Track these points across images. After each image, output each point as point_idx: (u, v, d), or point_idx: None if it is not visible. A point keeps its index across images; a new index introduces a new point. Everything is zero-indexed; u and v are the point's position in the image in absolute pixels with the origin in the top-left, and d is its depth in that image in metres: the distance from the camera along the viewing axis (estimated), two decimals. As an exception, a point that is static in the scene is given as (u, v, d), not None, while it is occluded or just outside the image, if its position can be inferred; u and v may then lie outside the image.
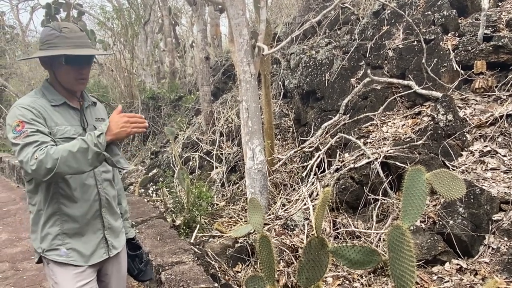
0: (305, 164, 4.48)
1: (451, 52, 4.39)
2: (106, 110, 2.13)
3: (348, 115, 4.64)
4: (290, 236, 3.57)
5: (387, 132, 4.13)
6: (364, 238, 3.30)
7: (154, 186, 5.87)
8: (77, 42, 1.77)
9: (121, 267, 2.08)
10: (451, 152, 3.58)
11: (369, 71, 4.69)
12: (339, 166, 3.96)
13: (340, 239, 3.40)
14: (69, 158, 1.58)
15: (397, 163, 3.52)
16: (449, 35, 4.64)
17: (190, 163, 6.11)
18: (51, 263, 1.82)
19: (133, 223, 3.96)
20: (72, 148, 1.59)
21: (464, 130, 3.74)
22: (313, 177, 4.15)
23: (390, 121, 4.28)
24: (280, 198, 4.23)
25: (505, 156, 3.46)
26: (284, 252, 3.29)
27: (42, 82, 1.89)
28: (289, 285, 2.99)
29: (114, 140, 1.65)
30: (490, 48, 4.16)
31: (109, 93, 10.84)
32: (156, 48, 11.81)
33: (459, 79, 4.27)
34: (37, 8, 16.35)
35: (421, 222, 3.14)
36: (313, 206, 3.76)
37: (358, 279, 2.96)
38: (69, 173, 1.64)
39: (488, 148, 3.58)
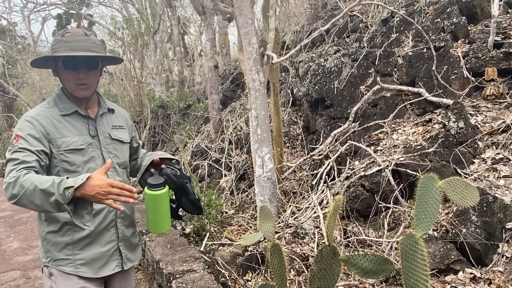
0: (315, 172, 4.46)
1: (461, 59, 4.37)
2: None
3: (357, 123, 4.62)
4: (301, 244, 3.55)
5: (397, 139, 4.10)
6: (376, 247, 3.26)
7: (163, 194, 5.87)
8: (74, 45, 1.71)
9: (129, 283, 2.00)
10: (463, 160, 3.55)
11: (378, 79, 4.68)
12: (349, 174, 3.94)
13: (351, 247, 3.37)
14: (33, 194, 1.50)
15: (408, 171, 3.50)
16: (459, 42, 4.62)
17: (199, 171, 6.12)
18: (55, 274, 1.75)
19: (143, 231, 3.97)
20: (41, 185, 1.50)
21: (476, 137, 3.70)
22: (323, 185, 4.13)
23: (400, 129, 4.26)
24: (289, 206, 4.21)
25: (518, 163, 3.42)
26: (295, 261, 3.26)
27: (58, 90, 1.86)
28: (300, 294, 2.97)
29: (82, 198, 1.52)
30: (501, 55, 4.14)
31: (119, 102, 10.94)
32: (165, 57, 11.93)
33: (470, 86, 4.24)
34: (48, 19, 16.66)
35: (433, 230, 3.11)
36: (323, 214, 3.74)
37: (369, 288, 2.93)
38: (30, 208, 1.54)
39: (501, 156, 3.54)
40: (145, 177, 1.87)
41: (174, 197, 1.91)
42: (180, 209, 1.94)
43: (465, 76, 4.28)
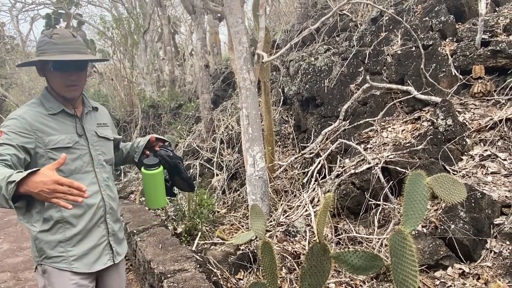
0: (306, 170, 4.48)
1: (450, 57, 4.42)
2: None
3: (348, 121, 4.65)
4: (292, 242, 3.56)
5: (387, 137, 4.14)
6: (366, 244, 3.29)
7: (155, 194, 5.84)
8: (64, 47, 1.73)
9: (121, 277, 2.06)
10: (451, 157, 3.59)
11: (368, 77, 4.71)
12: (339, 172, 3.97)
13: (342, 245, 3.40)
14: None
15: (397, 168, 3.53)
16: (447, 40, 4.67)
17: (191, 170, 6.11)
18: (49, 271, 1.78)
19: (135, 231, 3.96)
20: None
21: (464, 134, 3.75)
22: (314, 183, 4.15)
23: (390, 127, 4.29)
24: (281, 204, 4.23)
25: (505, 160, 3.47)
26: (286, 259, 3.28)
27: (42, 90, 1.88)
28: (292, 292, 2.98)
29: (27, 194, 1.40)
30: (488, 53, 4.19)
31: (109, 102, 10.87)
32: (156, 57, 11.87)
33: (458, 84, 4.29)
34: (37, 19, 16.52)
35: (422, 226, 3.14)
36: (314, 212, 3.76)
37: (360, 285, 2.95)
38: None
39: (488, 152, 3.59)
40: (141, 159, 2.02)
41: (168, 177, 2.07)
42: (174, 187, 2.10)
43: (453, 74, 4.33)
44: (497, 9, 4.96)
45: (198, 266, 3.04)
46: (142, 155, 2.04)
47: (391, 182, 3.56)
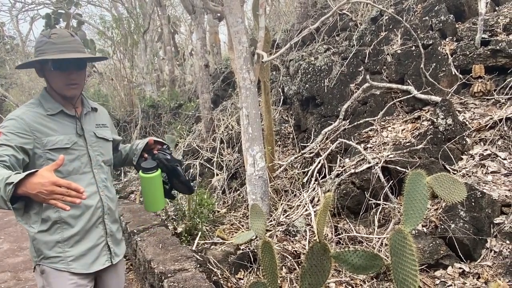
0: (306, 170, 4.48)
1: (449, 56, 4.42)
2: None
3: (348, 121, 4.65)
4: (292, 242, 3.57)
5: (387, 137, 4.14)
6: (366, 243, 3.29)
7: (155, 194, 5.84)
8: (63, 47, 1.74)
9: (119, 277, 2.06)
10: (451, 156, 3.59)
11: (368, 77, 4.71)
12: (339, 172, 3.97)
13: (342, 244, 3.40)
14: None
15: (397, 167, 3.53)
16: (447, 40, 4.67)
17: (191, 170, 6.11)
18: (47, 271, 1.78)
19: (135, 231, 3.96)
20: None
21: (464, 134, 3.75)
22: (314, 183, 4.15)
23: (390, 126, 4.29)
24: (281, 204, 4.23)
25: (505, 159, 3.47)
26: (286, 258, 3.28)
27: (41, 91, 1.87)
28: (292, 291, 2.98)
29: (25, 195, 1.40)
30: (488, 52, 4.19)
31: (109, 102, 10.86)
32: (156, 57, 11.87)
33: (458, 83, 4.29)
34: (37, 19, 16.51)
35: (422, 226, 3.15)
36: (314, 211, 3.76)
37: (361, 285, 2.96)
38: None
39: (488, 152, 3.59)
40: (139, 162, 2.01)
41: (167, 179, 2.05)
42: (173, 189, 2.09)
43: (453, 73, 4.33)
44: (497, 8, 4.96)
45: (198, 265, 3.04)
46: (140, 158, 2.03)
47: (391, 182, 3.56)
